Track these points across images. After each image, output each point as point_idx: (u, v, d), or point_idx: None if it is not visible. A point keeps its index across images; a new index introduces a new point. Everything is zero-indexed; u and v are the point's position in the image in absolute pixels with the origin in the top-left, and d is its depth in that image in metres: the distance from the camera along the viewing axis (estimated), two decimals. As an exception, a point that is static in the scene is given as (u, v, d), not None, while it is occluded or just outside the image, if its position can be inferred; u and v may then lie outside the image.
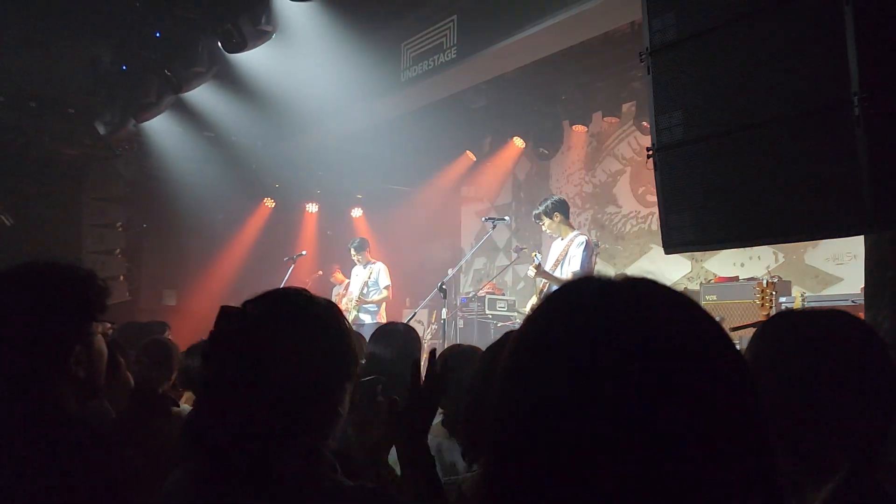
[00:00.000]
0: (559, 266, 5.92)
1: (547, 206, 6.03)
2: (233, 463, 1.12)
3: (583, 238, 5.96)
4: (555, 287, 5.77)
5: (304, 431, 1.19)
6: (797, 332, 1.28)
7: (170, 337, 4.79)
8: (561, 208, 6.05)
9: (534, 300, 6.12)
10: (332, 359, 1.23)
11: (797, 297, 5.26)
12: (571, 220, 6.12)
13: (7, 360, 1.39)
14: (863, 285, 2.70)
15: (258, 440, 1.13)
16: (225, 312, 1.21)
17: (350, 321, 6.55)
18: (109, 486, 1.31)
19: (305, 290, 1.32)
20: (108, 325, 1.61)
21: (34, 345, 1.40)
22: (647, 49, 2.65)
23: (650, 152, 2.66)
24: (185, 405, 3.50)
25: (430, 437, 2.20)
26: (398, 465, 2.25)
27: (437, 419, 2.27)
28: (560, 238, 6.08)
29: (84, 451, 1.32)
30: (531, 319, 0.68)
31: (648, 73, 2.64)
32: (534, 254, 6.00)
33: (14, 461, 1.26)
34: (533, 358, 0.63)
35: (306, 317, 1.25)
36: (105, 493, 1.29)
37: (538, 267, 5.72)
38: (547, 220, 5.98)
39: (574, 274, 5.75)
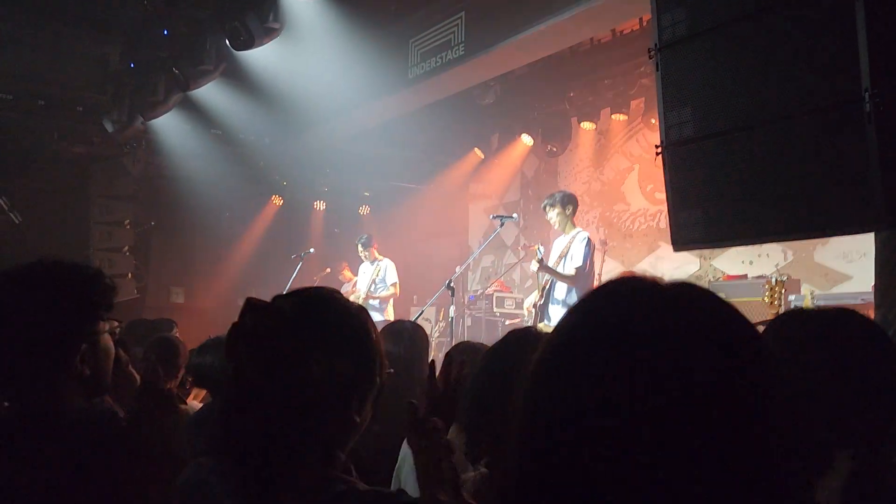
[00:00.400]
0: (562, 262, 5.92)
1: (562, 196, 6.05)
2: (250, 463, 1.11)
3: (585, 234, 5.97)
4: (557, 283, 5.79)
5: (321, 435, 1.18)
6: (804, 330, 1.28)
7: (177, 334, 4.80)
8: (573, 203, 6.08)
9: (535, 296, 6.10)
10: (357, 366, 1.21)
11: (807, 296, 5.23)
12: (579, 217, 6.12)
13: (13, 359, 1.39)
14: (873, 283, 2.67)
15: (275, 440, 1.12)
16: (252, 305, 1.19)
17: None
18: (115, 483, 1.31)
19: (338, 293, 1.30)
20: (115, 323, 1.61)
21: (40, 344, 1.41)
22: (656, 45, 2.64)
23: (659, 149, 2.65)
24: (193, 402, 3.51)
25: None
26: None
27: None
28: (563, 234, 6.10)
29: (89, 449, 1.32)
30: (567, 322, 0.67)
31: (657, 70, 2.63)
32: (536, 246, 5.99)
33: (18, 460, 1.26)
34: (569, 360, 0.62)
35: (336, 320, 1.23)
36: (111, 490, 1.29)
37: (541, 261, 5.73)
38: (558, 209, 5.97)
39: (577, 269, 5.74)
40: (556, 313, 5.84)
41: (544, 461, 0.60)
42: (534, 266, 5.81)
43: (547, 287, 5.96)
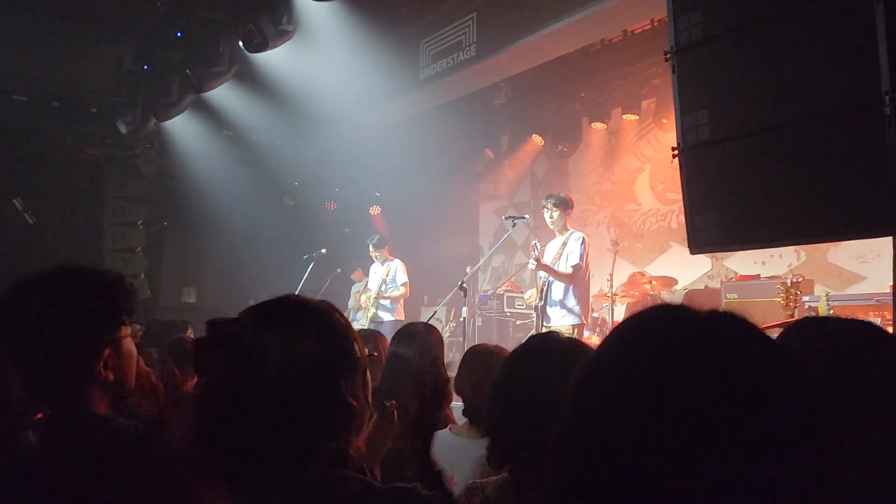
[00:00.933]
0: (557, 263, 5.95)
1: (565, 199, 6.10)
2: (254, 475, 1.11)
3: (580, 234, 6.03)
4: (554, 284, 5.80)
5: (324, 432, 1.18)
6: (823, 340, 1.27)
7: (191, 335, 4.82)
8: (572, 207, 6.15)
9: (533, 293, 6.12)
10: (326, 346, 1.20)
11: (822, 297, 5.20)
12: (589, 216, 6.15)
13: (37, 367, 1.40)
14: (891, 284, 2.66)
15: (270, 447, 1.12)
16: (212, 322, 1.19)
17: (369, 318, 6.45)
18: (144, 486, 1.32)
19: (294, 294, 1.30)
20: (139, 326, 1.62)
21: (65, 351, 1.41)
22: (672, 48, 2.63)
23: (675, 152, 2.64)
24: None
25: (462, 438, 2.20)
26: None
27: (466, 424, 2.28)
28: (557, 235, 6.14)
29: (115, 454, 1.33)
30: (614, 345, 0.69)
31: (674, 73, 2.62)
32: (533, 243, 6.03)
33: (43, 467, 1.27)
34: (617, 386, 0.64)
35: (290, 310, 1.23)
36: (139, 493, 1.30)
37: (538, 259, 5.78)
38: (558, 211, 6.02)
39: (574, 268, 5.77)
40: (556, 315, 5.88)
41: (590, 476, 0.61)
42: (532, 265, 5.85)
43: (544, 289, 5.98)
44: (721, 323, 0.67)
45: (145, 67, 7.98)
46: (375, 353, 1.33)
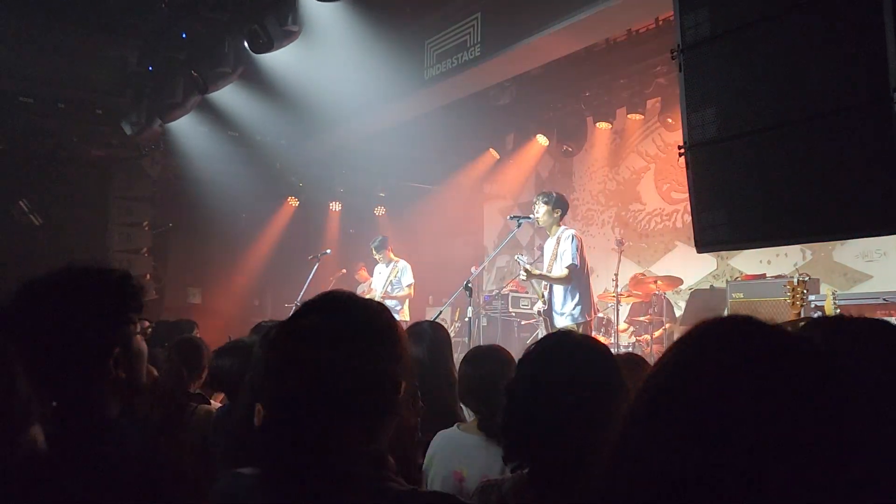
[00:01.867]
0: (554, 263, 5.89)
1: (557, 197, 6.01)
2: (308, 475, 1.11)
3: (570, 231, 5.93)
4: (554, 289, 5.76)
5: (376, 439, 1.19)
6: (838, 339, 1.26)
7: (197, 335, 4.83)
8: (564, 207, 6.04)
9: (539, 305, 6.05)
10: (394, 366, 1.21)
11: (828, 296, 5.18)
12: (594, 216, 6.12)
13: (48, 368, 1.40)
14: (899, 284, 2.65)
15: (331, 450, 1.12)
16: (281, 340, 1.19)
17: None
18: (152, 488, 1.32)
19: (351, 295, 1.29)
20: (147, 322, 1.62)
21: (76, 351, 1.41)
22: (679, 46, 2.62)
23: (682, 150, 2.63)
24: (215, 403, 3.53)
25: (471, 435, 2.20)
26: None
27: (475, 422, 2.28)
28: (549, 236, 6.08)
29: (129, 455, 1.33)
30: (684, 354, 0.71)
31: (680, 71, 2.61)
32: (516, 257, 5.96)
33: (58, 469, 1.27)
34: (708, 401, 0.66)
35: (361, 325, 1.23)
36: (148, 495, 1.30)
37: (528, 272, 5.70)
38: (546, 208, 5.94)
39: (568, 268, 5.70)
40: (560, 320, 5.82)
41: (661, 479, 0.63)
42: (522, 275, 5.78)
43: (546, 293, 5.95)
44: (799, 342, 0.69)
45: (150, 68, 8.00)
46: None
